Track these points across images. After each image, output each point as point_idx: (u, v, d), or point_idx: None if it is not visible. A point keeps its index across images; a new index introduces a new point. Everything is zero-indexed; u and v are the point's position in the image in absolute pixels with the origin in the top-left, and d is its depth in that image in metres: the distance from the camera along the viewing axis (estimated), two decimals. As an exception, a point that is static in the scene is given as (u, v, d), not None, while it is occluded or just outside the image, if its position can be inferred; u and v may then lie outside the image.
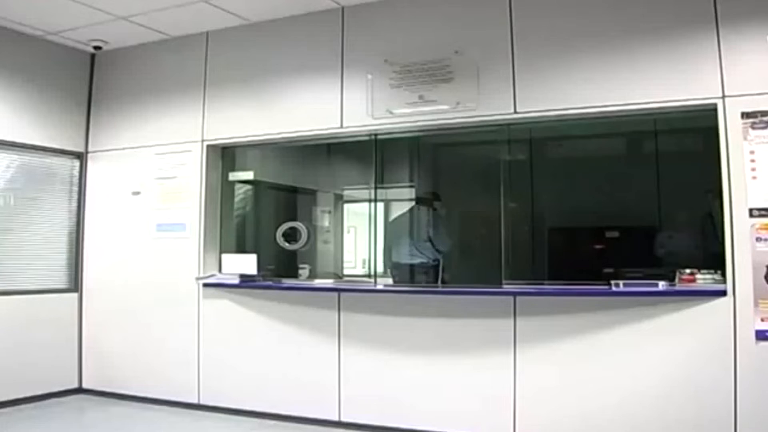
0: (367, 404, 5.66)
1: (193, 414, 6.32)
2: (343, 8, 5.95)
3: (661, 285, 4.74)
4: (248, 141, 6.46)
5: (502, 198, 5.62)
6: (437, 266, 6.46)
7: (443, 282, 6.36)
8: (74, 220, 7.25)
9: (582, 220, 6.13)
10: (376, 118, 5.76)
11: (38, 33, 6.71)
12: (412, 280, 6.16)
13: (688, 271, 4.78)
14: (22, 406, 6.44)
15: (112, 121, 7.19)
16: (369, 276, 6.30)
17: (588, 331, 4.93)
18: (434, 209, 6.74)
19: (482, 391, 5.24)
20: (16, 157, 6.76)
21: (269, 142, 6.42)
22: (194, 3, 5.89)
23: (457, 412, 5.30)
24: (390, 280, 6.56)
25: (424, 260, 6.47)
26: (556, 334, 5.03)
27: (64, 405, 6.69)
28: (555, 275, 5.49)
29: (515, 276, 5.33)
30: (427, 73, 5.56)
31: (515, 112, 5.23)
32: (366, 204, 6.52)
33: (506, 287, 5.23)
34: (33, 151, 6.86)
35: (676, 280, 4.80)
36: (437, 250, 6.48)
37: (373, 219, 6.17)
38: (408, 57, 5.65)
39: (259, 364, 6.15)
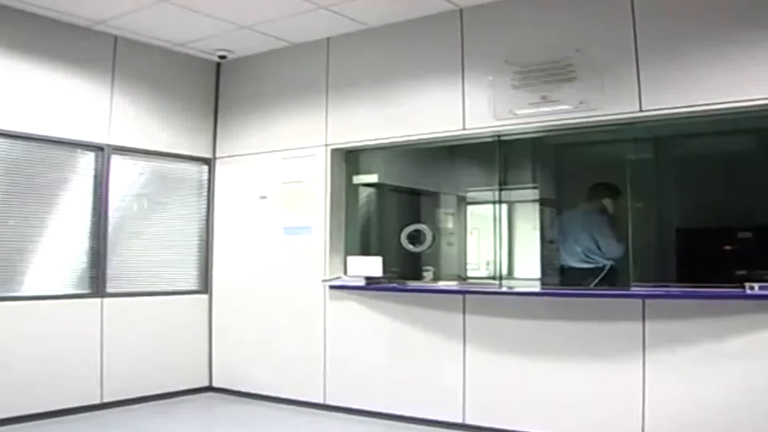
0: (492, 407, 5.83)
1: (319, 414, 6.71)
2: (461, 10, 6.13)
3: (802, 288, 4.61)
4: (371, 144, 6.78)
5: (629, 198, 5.69)
6: (606, 269, 6.35)
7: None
8: (204, 223, 7.82)
9: (711, 220, 6.06)
10: (498, 120, 5.91)
11: (166, 45, 7.29)
12: (578, 285, 6.14)
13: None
14: (156, 403, 7.06)
15: (238, 127, 7.71)
16: (493, 278, 6.43)
17: (720, 335, 4.91)
18: (604, 208, 6.56)
19: (610, 397, 5.30)
20: (148, 163, 7.36)
21: (392, 145, 6.70)
22: (315, 10, 6.24)
23: (583, 417, 5.39)
24: (513, 282, 6.68)
25: (592, 265, 6.39)
26: (687, 339, 5.02)
27: (194, 402, 7.26)
28: (684, 277, 5.47)
29: (643, 278, 5.36)
30: (548, 73, 5.65)
31: (641, 111, 5.25)
32: (488, 205, 6.65)
33: (635, 290, 5.27)
34: (164, 157, 7.47)
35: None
36: (605, 257, 6.34)
37: (498, 221, 6.31)
38: (529, 57, 5.76)
39: (385, 366, 6.45)
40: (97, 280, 6.82)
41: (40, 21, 6.40)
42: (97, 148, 6.87)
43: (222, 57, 7.64)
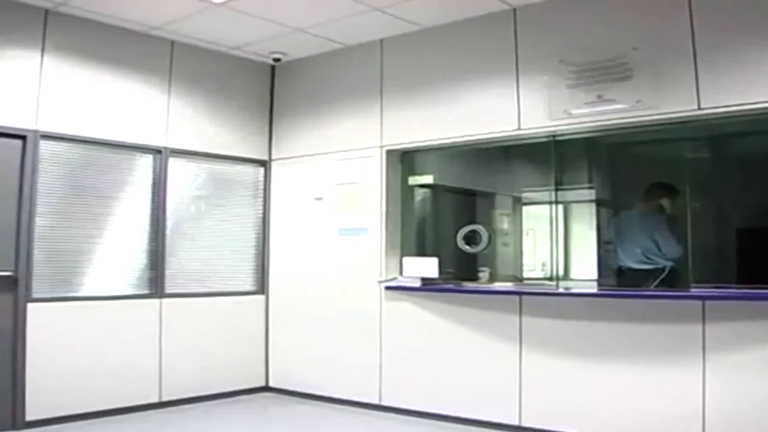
0: (548, 410, 5.82)
1: (374, 414, 6.78)
2: (514, 9, 6.14)
3: None
4: (426, 145, 6.81)
5: (687, 198, 5.62)
6: (667, 270, 6.25)
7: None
8: (260, 225, 7.96)
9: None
10: (553, 120, 5.90)
11: (222, 48, 7.44)
12: (637, 286, 6.08)
13: None
14: (213, 402, 7.22)
15: (293, 129, 7.82)
16: (550, 279, 6.42)
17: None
18: (662, 208, 6.47)
19: (669, 400, 5.25)
20: (205, 166, 7.51)
21: (447, 145, 6.73)
22: (368, 12, 6.31)
23: (642, 421, 5.34)
24: (570, 284, 6.64)
25: (652, 266, 6.27)
26: (748, 341, 4.94)
27: (251, 402, 7.39)
28: (744, 279, 5.37)
29: (702, 279, 5.30)
30: (604, 72, 5.61)
31: (699, 109, 5.19)
32: (544, 206, 6.63)
33: (695, 291, 5.22)
34: (220, 159, 7.62)
35: None
36: (666, 257, 6.22)
37: (554, 221, 6.29)
38: (584, 56, 5.73)
39: (440, 367, 6.48)
40: (156, 281, 6.99)
41: (98, 27, 6.60)
42: (155, 151, 7.04)
43: (276, 60, 7.76)
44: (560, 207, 6.56)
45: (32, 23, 6.20)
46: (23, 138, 6.14)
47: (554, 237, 6.35)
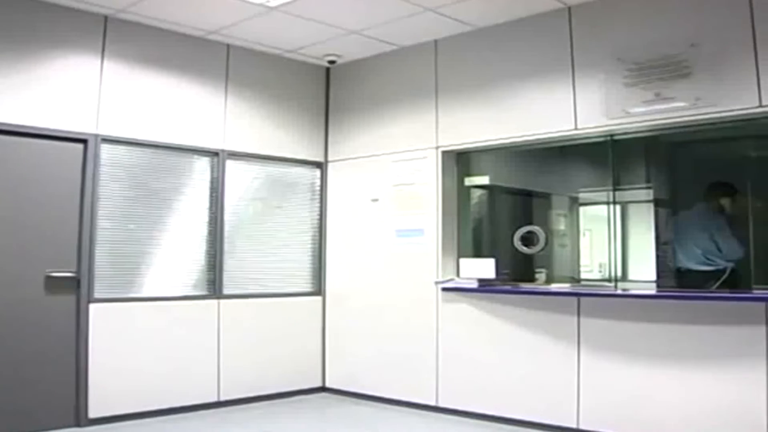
0: (607, 412, 5.75)
1: (431, 416, 6.78)
2: (569, 7, 6.09)
3: None
4: (481, 146, 6.80)
5: (749, 197, 5.52)
6: (728, 271, 6.16)
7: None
8: (317, 226, 8.03)
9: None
10: (611, 119, 5.84)
11: (277, 51, 7.53)
12: (697, 288, 5.99)
13: None
14: (270, 402, 7.32)
15: (349, 130, 7.88)
16: (608, 280, 6.36)
17: None
18: (723, 208, 6.36)
19: (730, 403, 5.15)
20: (262, 168, 7.61)
21: (502, 146, 6.70)
22: (422, 13, 6.32)
23: (701, 425, 5.26)
24: (628, 285, 6.56)
25: (712, 267, 6.19)
26: None
27: (308, 403, 7.46)
28: None
29: (764, 281, 5.19)
30: (662, 70, 5.54)
31: (760, 105, 5.08)
32: (601, 206, 6.57)
33: (757, 293, 5.13)
34: (277, 161, 7.71)
35: None
36: (726, 258, 6.13)
37: (612, 222, 6.24)
38: (641, 54, 5.67)
39: (497, 368, 6.46)
40: (214, 282, 7.11)
41: (156, 32, 6.75)
42: (213, 154, 7.17)
43: (331, 62, 7.82)
44: (618, 207, 6.50)
45: (92, 29, 6.37)
46: (84, 142, 6.31)
47: (612, 238, 6.29)
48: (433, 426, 6.50)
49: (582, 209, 7.55)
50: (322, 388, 7.85)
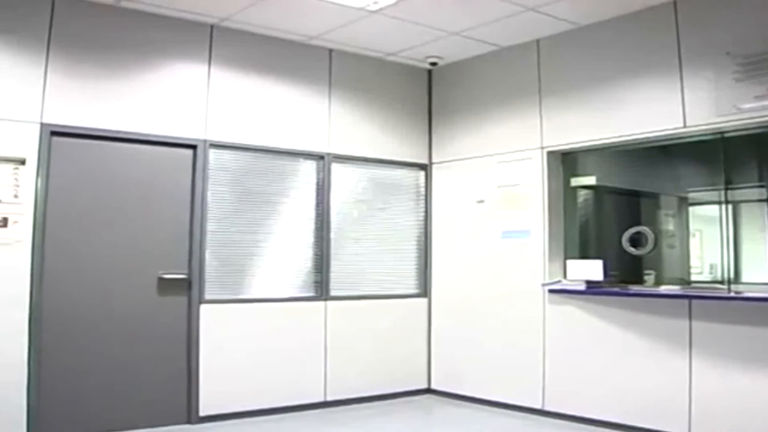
0: (720, 421, 5.57)
1: (537, 419, 6.74)
2: (675, 2, 5.94)
3: None
4: (586, 146, 6.70)
5: None
6: None
7: None
8: (422, 228, 8.08)
9: None
10: (721, 116, 5.66)
11: (379, 55, 7.63)
12: None
13: None
14: (376, 403, 7.41)
15: (452, 132, 7.90)
16: (720, 282, 6.16)
17: None
18: None
19: None
20: (367, 170, 7.72)
21: (608, 145, 6.59)
22: (523, 12, 6.28)
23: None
24: (741, 287, 6.34)
25: None
26: None
27: (413, 404, 7.52)
28: None
29: None
30: (774, 63, 5.35)
31: None
32: (710, 206, 6.39)
33: None
34: (381, 164, 7.80)
35: None
36: None
37: (724, 222, 6.05)
38: (752, 47, 5.46)
39: (605, 372, 6.35)
40: (321, 284, 7.25)
41: (259, 39, 6.95)
42: (318, 157, 7.31)
43: (433, 64, 7.86)
44: (729, 207, 6.29)
45: (199, 38, 6.61)
46: (194, 147, 6.55)
47: (724, 238, 6.09)
48: (540, 430, 6.44)
49: (691, 209, 7.34)
50: (428, 390, 7.89)
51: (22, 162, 5.67)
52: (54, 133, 5.87)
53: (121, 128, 6.16)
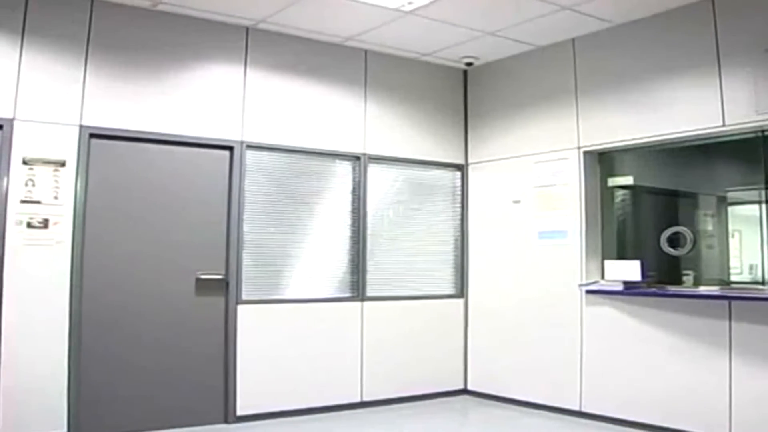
0: (763, 424, 5.48)
1: (574, 421, 6.69)
2: (713, -1, 5.92)
3: None
4: (624, 145, 6.65)
5: None
6: None
7: None
8: (458, 229, 8.08)
9: None
10: (761, 114, 5.58)
11: (414, 55, 7.64)
12: None
13: None
14: (412, 404, 7.42)
15: (488, 132, 7.88)
16: (762, 283, 6.08)
17: None
18: None
19: None
20: (402, 171, 7.73)
21: (646, 145, 6.54)
22: (559, 11, 6.25)
23: None
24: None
25: None
26: None
27: (450, 404, 7.53)
28: None
29: None
30: (816, 60, 5.27)
31: None
32: (750, 206, 6.30)
33: None
34: (417, 164, 7.81)
35: None
36: None
37: (764, 222, 5.96)
38: (792, 44, 5.41)
39: (642, 374, 6.30)
40: (357, 284, 7.28)
41: (295, 41, 7.00)
42: (354, 158, 7.34)
43: (468, 64, 7.85)
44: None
45: (235, 40, 6.68)
46: (230, 149, 6.61)
47: (764, 238, 6.01)
48: (576, 432, 6.44)
49: (730, 209, 7.25)
50: (464, 391, 7.88)
51: (62, 164, 5.78)
52: (93, 135, 5.96)
53: (158, 130, 6.24)
